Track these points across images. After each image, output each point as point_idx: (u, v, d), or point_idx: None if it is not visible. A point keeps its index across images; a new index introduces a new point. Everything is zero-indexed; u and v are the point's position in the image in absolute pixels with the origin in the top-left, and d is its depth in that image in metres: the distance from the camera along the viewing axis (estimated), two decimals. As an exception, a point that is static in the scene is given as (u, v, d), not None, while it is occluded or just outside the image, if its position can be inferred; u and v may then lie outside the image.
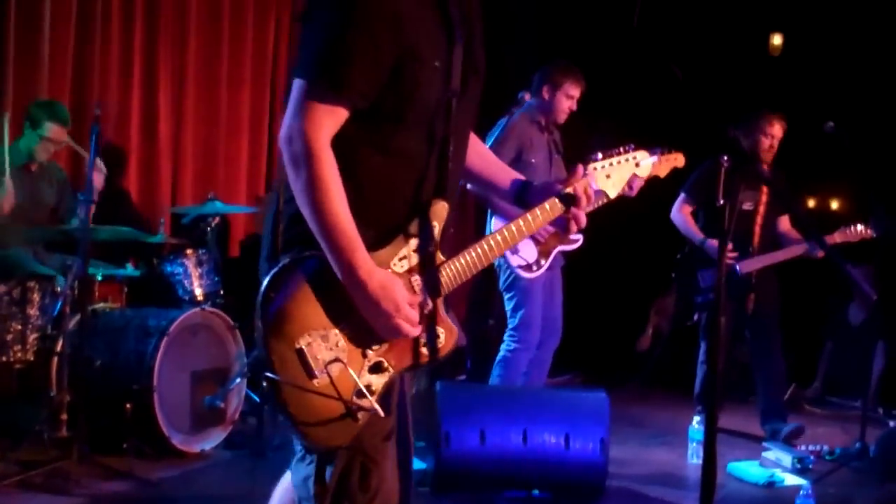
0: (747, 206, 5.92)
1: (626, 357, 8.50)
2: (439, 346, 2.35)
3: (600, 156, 2.65)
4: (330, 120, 2.17)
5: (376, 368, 2.25)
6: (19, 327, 4.89)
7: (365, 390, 2.21)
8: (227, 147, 7.47)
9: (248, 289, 6.20)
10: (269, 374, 2.13)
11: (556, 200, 2.52)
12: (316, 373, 2.15)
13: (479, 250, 2.40)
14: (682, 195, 6.12)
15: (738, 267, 5.81)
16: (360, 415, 2.21)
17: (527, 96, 5.69)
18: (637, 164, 2.71)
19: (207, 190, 6.49)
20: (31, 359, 4.92)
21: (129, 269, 5.86)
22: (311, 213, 2.16)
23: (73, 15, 6.32)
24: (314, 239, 2.18)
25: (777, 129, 5.92)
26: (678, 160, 2.92)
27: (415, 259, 2.30)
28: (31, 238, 5.41)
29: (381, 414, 2.22)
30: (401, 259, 2.29)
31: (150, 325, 5.08)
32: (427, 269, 2.31)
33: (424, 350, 2.32)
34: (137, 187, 6.86)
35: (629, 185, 2.65)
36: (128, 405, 4.85)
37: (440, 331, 2.35)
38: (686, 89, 2.45)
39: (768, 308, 6.00)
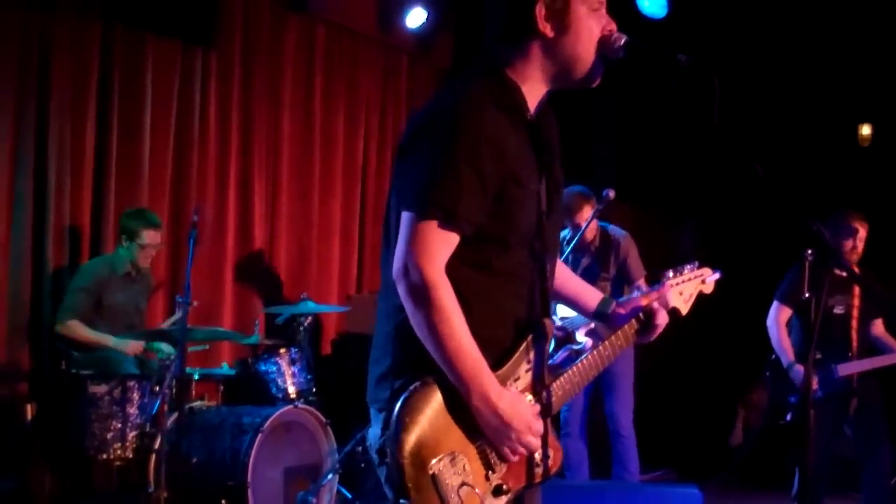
0: (839, 309, 5.78)
1: (719, 452, 8.34)
2: (549, 464, 2.36)
3: (671, 274, 2.78)
4: (443, 249, 2.20)
5: (498, 491, 2.27)
6: (119, 426, 5.02)
7: None
8: (318, 250, 7.66)
9: (339, 386, 6.32)
10: (404, 501, 2.15)
11: (631, 326, 2.65)
12: (448, 497, 2.16)
13: (581, 368, 2.48)
14: (775, 302, 5.99)
15: (837, 369, 5.69)
16: None
17: (611, 194, 5.80)
18: (703, 282, 2.84)
19: (300, 290, 6.64)
20: (131, 456, 5.04)
21: (225, 368, 6.00)
22: (435, 342, 2.18)
23: (171, 126, 6.64)
24: (432, 360, 2.20)
25: (859, 229, 5.80)
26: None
27: (527, 379, 2.34)
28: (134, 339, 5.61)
29: None
30: (516, 380, 2.32)
31: (244, 423, 5.17)
32: (540, 389, 2.35)
33: (538, 470, 2.33)
34: (233, 289, 7.06)
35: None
36: (223, 501, 4.92)
37: (549, 451, 2.35)
38: (771, 186, 2.48)
39: (873, 408, 5.84)
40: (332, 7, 7.77)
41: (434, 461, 2.16)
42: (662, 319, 2.65)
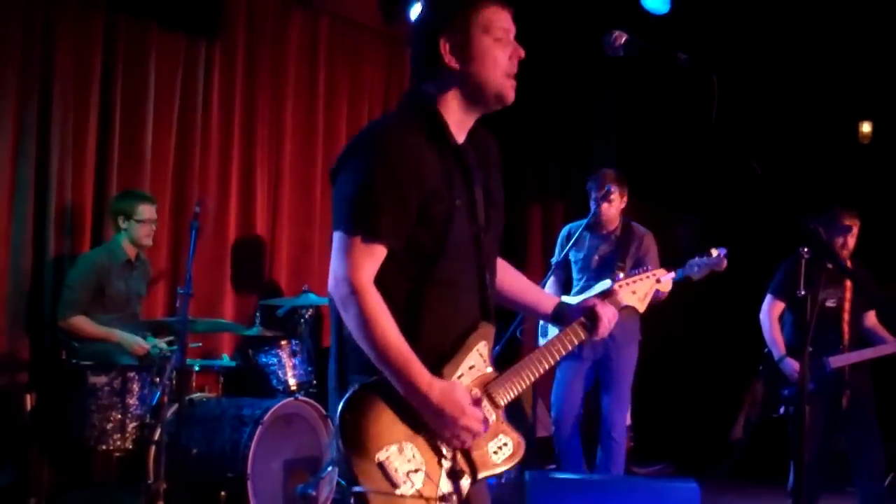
0: (830, 302, 5.83)
1: (719, 447, 8.35)
2: (508, 453, 2.56)
3: (621, 276, 3.04)
4: (369, 262, 2.40)
5: (453, 476, 2.44)
6: (119, 416, 5.04)
7: (446, 496, 2.41)
8: (320, 242, 7.67)
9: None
10: (356, 489, 2.33)
11: (577, 327, 2.80)
12: (399, 482, 2.35)
13: (530, 365, 2.65)
14: (768, 296, 6.04)
15: (829, 362, 5.72)
16: None
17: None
18: (658, 281, 3.03)
19: (302, 282, 6.66)
20: (130, 447, 5.06)
21: (226, 360, 6.01)
22: (366, 343, 2.39)
23: (174, 117, 6.65)
24: (371, 367, 2.41)
25: (852, 226, 5.83)
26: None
27: (469, 378, 2.53)
28: (135, 330, 5.61)
29: None
30: (459, 377, 2.51)
31: (244, 415, 5.19)
32: (484, 383, 2.55)
33: (495, 458, 2.54)
34: (234, 281, 7.07)
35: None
36: (223, 493, 4.94)
37: (507, 439, 2.57)
38: (767, 183, 2.49)
39: (864, 400, 5.87)
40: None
41: (380, 451, 2.35)
42: (607, 317, 2.80)
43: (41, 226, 5.85)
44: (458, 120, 2.60)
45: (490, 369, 2.57)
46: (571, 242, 5.84)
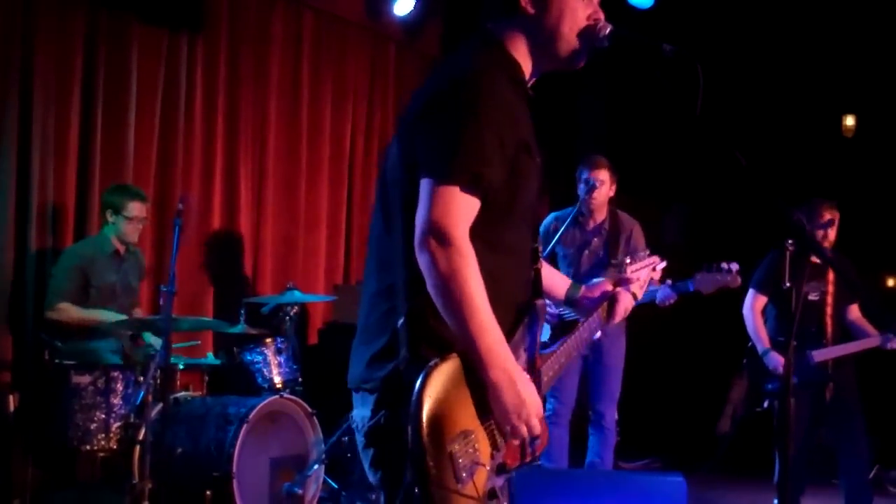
0: (813, 296, 5.83)
1: (705, 441, 8.37)
2: (538, 444, 2.35)
3: (628, 261, 2.97)
4: (468, 215, 2.16)
5: (501, 469, 2.25)
6: (103, 416, 5.00)
7: (498, 492, 2.23)
8: (305, 238, 7.64)
9: (326, 376, 6.30)
10: (424, 479, 2.08)
11: (596, 316, 2.74)
12: (462, 475, 2.12)
13: (564, 351, 2.53)
14: (751, 290, 6.04)
15: (812, 356, 5.73)
16: None
17: None
18: (654, 269, 3.00)
19: (286, 280, 6.63)
20: (115, 447, 5.02)
21: (210, 358, 5.98)
22: (463, 313, 2.12)
23: (157, 113, 6.60)
24: (441, 339, 2.18)
25: (829, 217, 5.85)
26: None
27: (522, 361, 2.31)
28: (119, 328, 5.57)
29: None
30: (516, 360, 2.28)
31: (229, 413, 5.17)
32: (533, 371, 2.35)
33: (530, 449, 2.32)
34: (218, 278, 7.03)
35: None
36: (208, 492, 4.92)
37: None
38: (752, 176, 2.48)
39: (848, 394, 5.89)
40: (319, -6, 7.76)
41: (452, 441, 2.11)
42: (626, 303, 2.78)
43: (23, 223, 5.81)
44: (525, 68, 2.43)
45: (538, 356, 2.39)
46: (558, 237, 5.81)
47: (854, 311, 6.08)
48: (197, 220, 6.81)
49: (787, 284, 2.98)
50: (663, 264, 3.03)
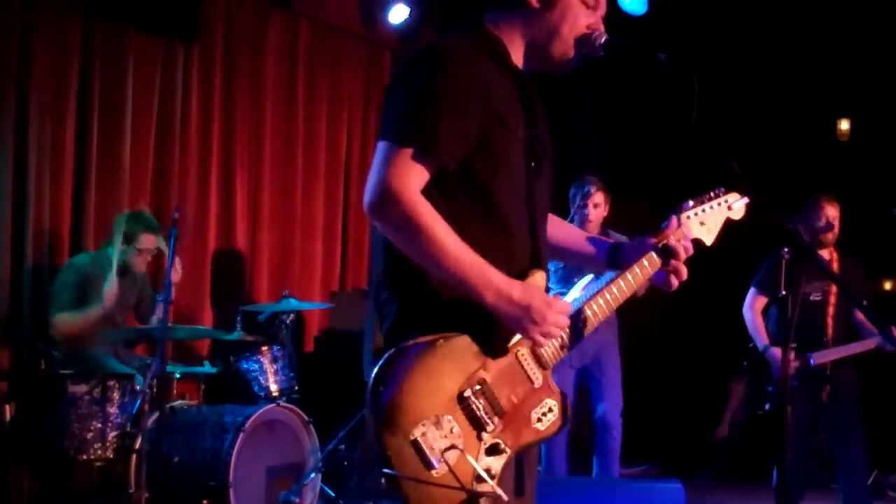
0: (815, 296, 5.82)
1: (704, 446, 8.37)
2: (552, 419, 2.31)
3: (691, 203, 2.64)
4: (416, 176, 2.17)
5: (493, 450, 2.19)
6: (99, 426, 4.98)
7: (485, 474, 2.15)
8: (301, 246, 7.64)
9: (322, 384, 6.31)
10: (387, 471, 2.09)
11: (654, 255, 2.52)
12: (434, 462, 2.10)
13: (580, 319, 2.39)
14: (752, 290, 6.05)
15: (811, 358, 5.72)
16: (482, 501, 2.15)
17: None
18: (730, 208, 2.68)
19: (283, 287, 6.62)
20: (111, 456, 5.00)
21: (207, 367, 5.97)
22: (432, 257, 2.15)
23: (153, 122, 6.61)
24: (412, 328, 2.19)
25: (830, 211, 5.84)
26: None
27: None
28: (113, 338, 5.56)
29: (504, 498, 2.16)
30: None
31: (226, 422, 5.15)
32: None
33: (539, 426, 2.28)
34: (215, 286, 7.03)
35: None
36: (205, 501, 4.91)
37: (552, 404, 2.31)
38: (748, 183, 2.49)
39: (846, 397, 5.87)
40: (314, 3, 7.77)
41: (417, 426, 2.10)
42: (683, 249, 2.53)
43: (19, 234, 5.80)
44: (515, 50, 2.43)
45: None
46: None
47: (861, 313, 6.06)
48: (193, 228, 6.81)
49: (783, 293, 2.96)
50: (744, 200, 2.66)
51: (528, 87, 2.43)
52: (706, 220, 2.64)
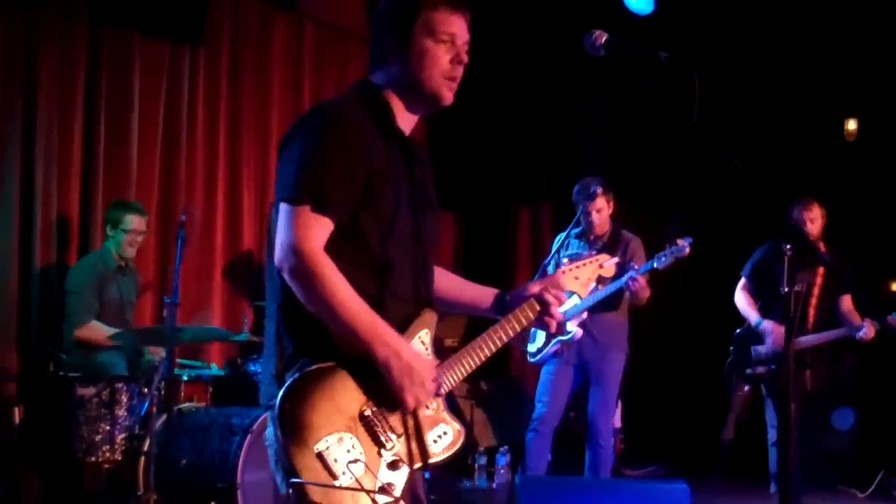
0: (799, 286, 5.87)
1: (710, 448, 8.35)
2: (447, 442, 2.54)
3: (566, 261, 2.95)
4: (320, 232, 2.37)
5: (393, 466, 2.41)
6: (108, 428, 5.00)
7: (385, 486, 2.36)
8: (308, 248, 7.64)
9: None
10: (293, 479, 2.28)
11: (534, 302, 2.74)
12: (338, 473, 2.31)
13: (472, 353, 2.62)
14: (742, 278, 6.18)
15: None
16: None
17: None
18: (601, 266, 2.96)
19: (289, 289, 6.61)
20: (119, 459, 5.02)
21: (214, 369, 5.98)
22: (329, 310, 2.34)
23: (159, 125, 6.63)
24: (313, 353, 2.39)
25: (814, 213, 5.90)
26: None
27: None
28: (123, 341, 5.58)
29: None
30: None
31: (234, 424, 5.15)
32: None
33: (434, 447, 2.51)
34: (222, 289, 7.04)
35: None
36: (213, 503, 4.91)
37: (447, 428, 2.55)
38: (751, 181, 2.49)
39: (819, 386, 5.96)
40: (320, 5, 7.77)
41: (319, 442, 2.30)
42: (556, 300, 2.75)
43: (27, 238, 5.83)
44: (402, 116, 2.62)
45: (431, 358, 2.54)
46: (559, 246, 5.82)
47: (846, 303, 6.13)
48: (200, 230, 6.83)
49: (785, 289, 2.97)
50: (614, 260, 3.01)
51: (409, 145, 2.61)
52: (580, 275, 2.93)
